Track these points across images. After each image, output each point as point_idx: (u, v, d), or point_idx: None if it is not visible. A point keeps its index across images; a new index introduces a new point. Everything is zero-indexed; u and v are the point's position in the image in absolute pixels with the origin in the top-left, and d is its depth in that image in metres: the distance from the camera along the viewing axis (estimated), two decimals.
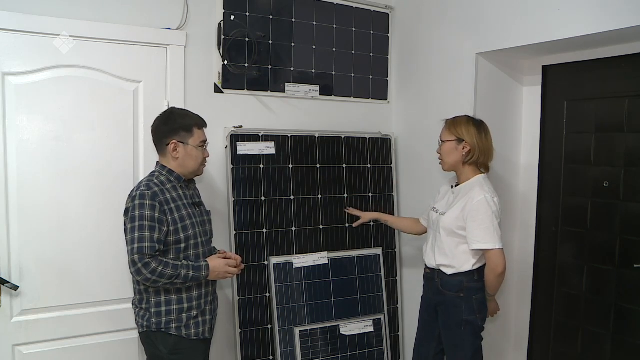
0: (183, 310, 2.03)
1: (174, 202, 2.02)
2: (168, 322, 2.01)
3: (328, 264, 2.77)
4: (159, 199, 1.96)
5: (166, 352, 2.02)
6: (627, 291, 2.34)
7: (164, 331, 2.01)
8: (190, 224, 2.04)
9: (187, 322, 2.03)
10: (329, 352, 2.71)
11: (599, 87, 2.44)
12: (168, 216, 1.97)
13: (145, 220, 1.92)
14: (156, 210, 1.94)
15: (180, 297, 2.02)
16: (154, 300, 2.01)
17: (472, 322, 2.20)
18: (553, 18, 2.20)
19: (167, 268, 1.91)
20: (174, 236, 1.99)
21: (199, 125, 2.09)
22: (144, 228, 1.91)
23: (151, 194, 1.96)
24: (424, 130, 2.88)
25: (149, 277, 1.89)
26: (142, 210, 1.93)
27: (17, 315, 2.20)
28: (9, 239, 2.17)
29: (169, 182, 2.06)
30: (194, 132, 2.07)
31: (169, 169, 2.07)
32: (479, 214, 2.12)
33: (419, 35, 2.92)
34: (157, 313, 2.01)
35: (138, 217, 1.93)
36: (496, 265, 2.12)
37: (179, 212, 2.02)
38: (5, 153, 2.16)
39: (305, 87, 2.84)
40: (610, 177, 2.40)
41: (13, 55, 2.15)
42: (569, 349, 2.59)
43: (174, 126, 2.05)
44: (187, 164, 2.07)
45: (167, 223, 1.97)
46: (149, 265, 1.89)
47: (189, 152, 2.06)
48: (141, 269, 1.89)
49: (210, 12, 2.56)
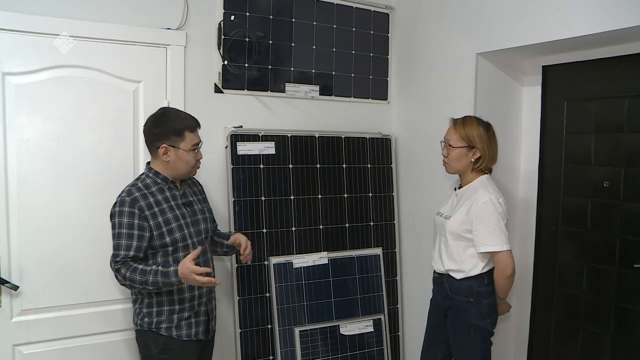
0: (174, 312, 2.03)
1: (159, 205, 2.00)
2: (158, 323, 2.01)
3: (328, 264, 2.77)
4: (139, 205, 1.95)
5: (156, 351, 2.03)
6: (627, 291, 2.34)
7: (155, 331, 2.02)
8: (177, 227, 2.02)
9: (178, 323, 2.03)
10: (329, 352, 2.71)
11: (599, 87, 2.44)
12: (150, 221, 1.96)
13: (123, 228, 1.94)
14: (135, 217, 1.94)
15: (172, 299, 2.02)
16: (147, 300, 2.03)
17: (482, 327, 2.16)
18: (553, 18, 2.20)
19: (135, 274, 1.90)
20: (158, 240, 1.98)
21: (191, 128, 2.03)
22: (121, 236, 1.94)
23: (130, 200, 1.95)
24: (424, 130, 2.88)
25: (122, 281, 1.94)
26: (120, 218, 1.94)
27: (17, 315, 2.20)
28: (9, 239, 2.17)
29: (155, 185, 2.03)
30: (185, 136, 2.01)
31: (156, 171, 2.05)
32: (485, 216, 2.09)
33: (419, 35, 2.92)
34: (149, 313, 2.03)
35: (117, 224, 1.95)
36: (505, 267, 2.10)
37: (163, 215, 2.00)
38: (6, 153, 2.16)
39: (305, 87, 2.84)
40: (610, 177, 2.40)
41: (13, 55, 2.15)
42: (569, 349, 2.59)
43: (164, 129, 2.00)
44: (178, 167, 2.04)
45: (150, 228, 1.96)
46: (120, 271, 1.92)
47: (180, 156, 2.01)
48: (116, 275, 1.95)
49: (210, 12, 2.56)
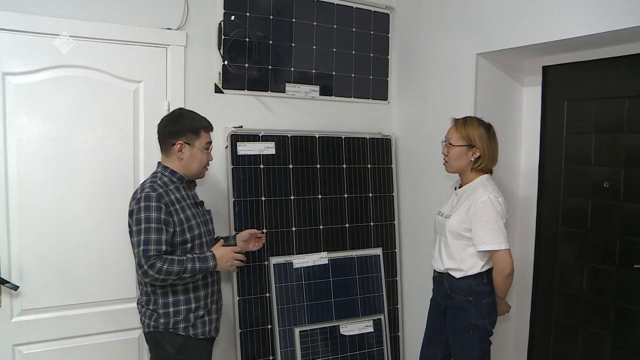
0: (191, 310, 2.04)
1: (179, 202, 2.02)
2: (176, 323, 2.02)
3: (328, 264, 2.77)
4: (165, 201, 1.97)
5: (172, 351, 2.02)
6: (627, 291, 2.34)
7: (172, 331, 2.02)
8: (196, 224, 2.06)
9: (194, 322, 2.05)
10: (329, 353, 2.71)
11: (599, 88, 2.44)
12: (174, 217, 1.98)
13: (152, 223, 1.92)
14: (162, 212, 1.94)
15: (188, 297, 2.04)
16: (162, 301, 2.02)
17: (481, 326, 2.16)
18: (553, 18, 2.20)
19: (173, 265, 1.91)
20: (180, 237, 1.99)
21: (206, 128, 2.11)
22: (150, 230, 1.91)
23: (156, 195, 1.96)
24: (424, 131, 2.88)
25: (156, 277, 1.90)
26: (147, 213, 1.93)
27: (17, 315, 2.20)
28: (9, 239, 2.17)
29: (172, 183, 2.06)
30: (201, 135, 2.08)
31: (172, 169, 2.07)
32: (484, 215, 2.10)
33: (419, 36, 2.92)
34: (165, 314, 2.02)
35: (144, 219, 1.93)
36: (504, 266, 2.11)
37: (184, 212, 2.02)
38: (6, 153, 2.16)
39: (305, 87, 2.84)
40: (610, 177, 2.40)
41: (13, 55, 2.15)
42: (569, 349, 2.59)
43: (181, 127, 2.06)
44: (191, 165, 2.08)
45: (174, 224, 1.97)
46: (155, 266, 1.89)
47: (194, 153, 2.06)
48: (148, 271, 1.89)
49: (210, 12, 2.56)
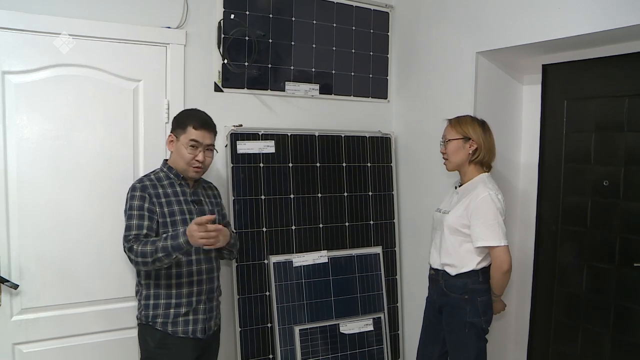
0: (170, 306, 2.03)
1: (166, 197, 2.06)
2: (154, 317, 2.03)
3: (328, 262, 2.77)
4: (148, 192, 2.03)
5: (153, 345, 2.04)
6: (627, 290, 2.34)
7: (151, 325, 2.04)
8: (181, 220, 2.05)
9: (174, 319, 2.03)
10: (329, 351, 2.71)
11: (599, 86, 2.44)
12: (157, 209, 2.03)
13: (134, 210, 2.00)
14: (146, 201, 2.01)
15: (169, 293, 2.04)
16: (145, 293, 2.06)
17: (476, 324, 2.17)
18: (553, 17, 2.20)
19: (146, 245, 1.92)
20: (162, 229, 2.02)
21: (195, 125, 2.06)
22: (132, 217, 1.99)
23: (141, 186, 2.04)
24: (423, 129, 2.88)
25: (134, 259, 1.94)
26: (131, 201, 2.02)
27: (17, 314, 2.20)
28: (9, 238, 2.17)
29: (167, 179, 2.10)
30: (187, 130, 2.06)
31: (170, 165, 2.12)
32: (483, 211, 2.11)
33: (419, 34, 2.92)
34: (146, 305, 2.05)
35: (128, 207, 2.02)
36: (502, 262, 2.11)
37: (170, 207, 2.05)
38: (5, 152, 2.16)
39: (305, 85, 2.84)
40: (610, 176, 2.40)
41: (13, 54, 2.15)
42: (569, 349, 2.59)
43: (175, 121, 2.13)
44: (177, 160, 2.10)
45: (157, 214, 2.02)
46: (132, 249, 1.94)
47: (178, 147, 2.08)
48: (129, 255, 1.96)
49: (210, 10, 2.56)
